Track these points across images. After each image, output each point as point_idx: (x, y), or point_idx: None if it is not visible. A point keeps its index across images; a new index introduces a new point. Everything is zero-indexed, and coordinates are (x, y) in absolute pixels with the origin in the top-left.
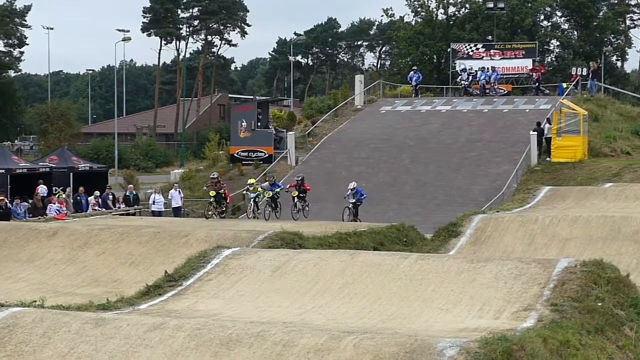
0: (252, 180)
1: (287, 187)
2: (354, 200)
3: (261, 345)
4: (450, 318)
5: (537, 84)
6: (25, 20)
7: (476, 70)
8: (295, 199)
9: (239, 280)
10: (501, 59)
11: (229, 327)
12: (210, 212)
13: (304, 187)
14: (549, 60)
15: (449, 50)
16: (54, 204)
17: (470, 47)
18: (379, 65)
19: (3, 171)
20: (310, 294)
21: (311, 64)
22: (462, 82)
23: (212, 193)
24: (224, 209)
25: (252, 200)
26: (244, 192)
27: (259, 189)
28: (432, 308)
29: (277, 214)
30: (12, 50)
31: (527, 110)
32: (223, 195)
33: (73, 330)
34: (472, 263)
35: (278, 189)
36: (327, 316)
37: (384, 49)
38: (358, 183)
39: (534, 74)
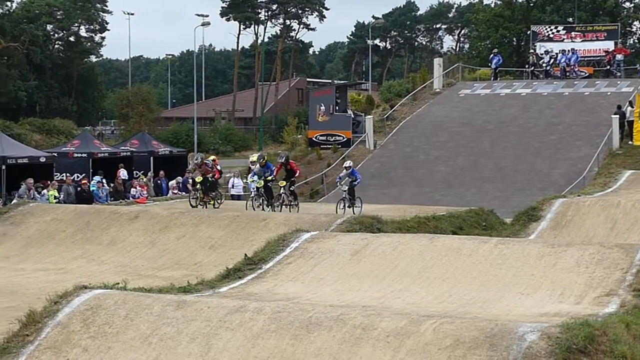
0: (253, 158)
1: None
2: (346, 188)
3: (341, 329)
4: (530, 303)
5: (614, 65)
6: (107, 6)
7: (557, 53)
8: (282, 191)
9: (318, 263)
10: (582, 41)
11: (309, 310)
12: (194, 201)
13: (293, 170)
14: (631, 42)
15: (528, 32)
16: (135, 187)
17: (551, 30)
18: (457, 49)
19: (85, 155)
20: (389, 278)
21: (389, 47)
22: (539, 65)
23: (199, 179)
24: (214, 196)
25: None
26: (261, 159)
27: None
28: (513, 292)
29: (275, 205)
30: (93, 35)
31: (608, 93)
32: (212, 179)
33: (155, 312)
34: (553, 247)
35: (270, 177)
36: (406, 300)
37: (462, 31)
38: (436, 167)
39: (619, 54)
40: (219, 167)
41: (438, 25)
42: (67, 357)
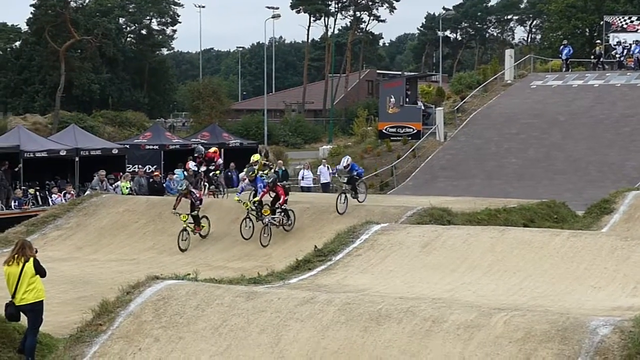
0: (256, 157)
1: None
2: (345, 180)
3: (411, 321)
4: (602, 296)
5: None
6: None
7: (630, 44)
8: (267, 220)
9: (388, 255)
10: None
11: (379, 302)
12: (184, 244)
13: (278, 195)
14: None
15: (601, 23)
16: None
17: (625, 20)
18: (529, 40)
19: (157, 147)
20: (460, 270)
21: (460, 39)
22: (611, 56)
23: (184, 217)
24: (203, 227)
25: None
26: (244, 177)
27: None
28: (584, 286)
29: (286, 224)
30: (165, 28)
31: None
32: (199, 208)
33: (225, 303)
34: (626, 241)
35: (256, 198)
36: (477, 293)
37: (534, 22)
38: (507, 159)
39: None
40: (220, 161)
41: (509, 16)
42: (139, 346)
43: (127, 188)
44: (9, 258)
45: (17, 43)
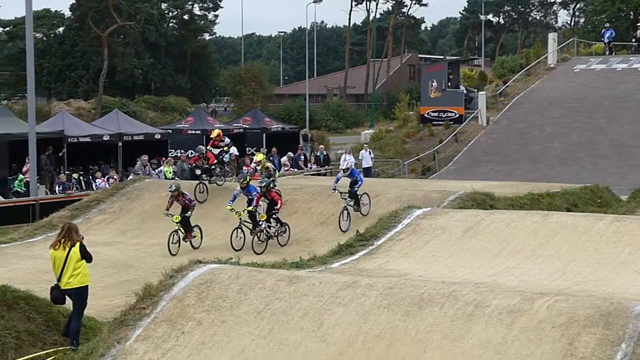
0: (260, 157)
1: (253, 202)
2: (346, 196)
3: (453, 305)
4: None
5: None
6: None
7: None
8: (263, 225)
9: (430, 240)
10: None
11: (421, 286)
12: (174, 247)
13: (274, 200)
14: None
15: None
16: (248, 165)
17: None
18: (572, 23)
19: (199, 132)
20: (502, 255)
21: (502, 22)
22: None
23: (176, 218)
24: (195, 235)
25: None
26: (242, 180)
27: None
28: (629, 271)
29: (281, 236)
30: (207, 13)
31: None
32: (191, 213)
33: (268, 287)
34: None
35: (251, 207)
36: (519, 277)
37: (578, 5)
38: (550, 143)
39: None
40: (226, 141)
41: (552, 0)
42: (182, 330)
43: (170, 172)
44: (55, 242)
45: (61, 29)
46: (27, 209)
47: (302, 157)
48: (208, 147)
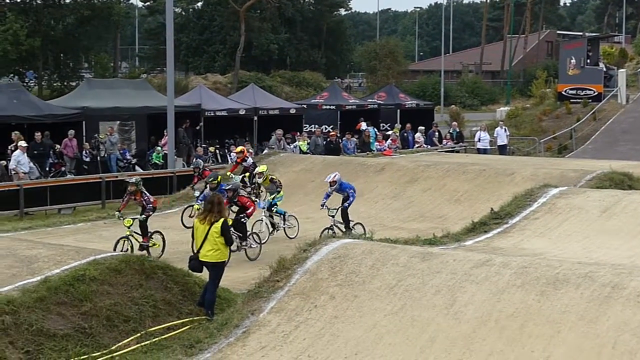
0: (263, 167)
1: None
2: (334, 213)
3: (589, 287)
4: None
5: None
6: None
7: None
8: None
9: (566, 220)
10: None
11: (556, 266)
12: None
13: (244, 206)
14: None
15: None
16: (384, 141)
17: None
18: None
19: (334, 107)
20: None
21: None
22: None
23: (128, 222)
24: (155, 245)
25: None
26: (211, 179)
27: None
28: None
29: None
30: None
31: None
32: (144, 218)
33: (401, 263)
34: None
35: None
36: None
37: None
38: None
39: None
40: (249, 161)
41: None
42: (315, 303)
43: (305, 147)
44: (203, 212)
45: (199, 4)
46: (164, 181)
47: (437, 133)
48: (229, 174)
